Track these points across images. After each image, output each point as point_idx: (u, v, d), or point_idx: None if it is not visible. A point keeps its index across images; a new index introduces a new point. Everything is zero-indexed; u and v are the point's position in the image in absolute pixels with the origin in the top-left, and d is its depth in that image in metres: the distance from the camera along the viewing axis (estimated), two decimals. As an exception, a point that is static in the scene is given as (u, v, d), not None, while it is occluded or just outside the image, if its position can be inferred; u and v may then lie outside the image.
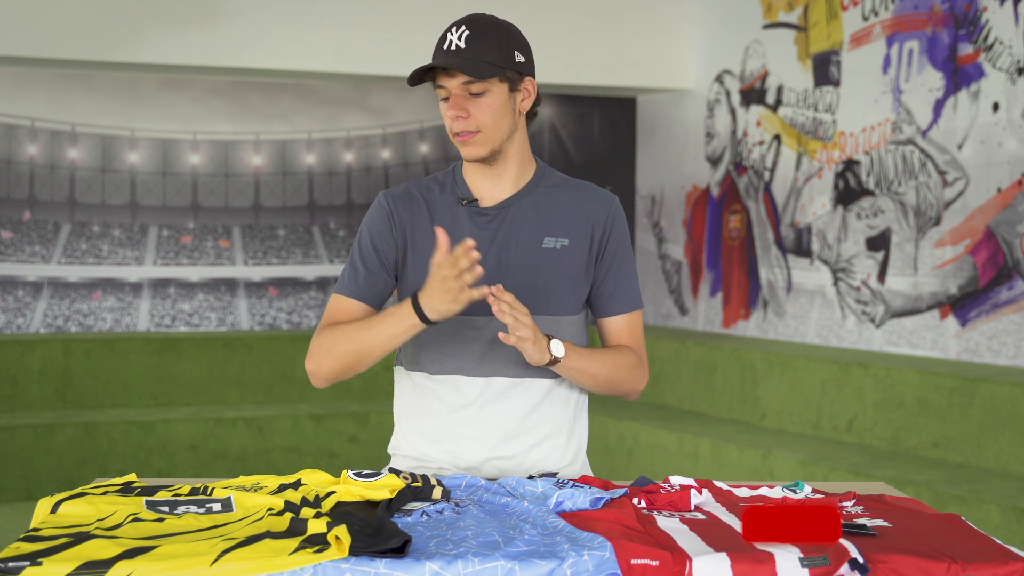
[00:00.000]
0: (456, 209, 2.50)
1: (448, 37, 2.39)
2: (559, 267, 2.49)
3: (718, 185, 7.44)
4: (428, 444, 2.53)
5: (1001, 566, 1.84)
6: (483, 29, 2.39)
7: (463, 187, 2.52)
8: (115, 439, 6.55)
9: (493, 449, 2.50)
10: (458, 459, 2.51)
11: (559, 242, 2.49)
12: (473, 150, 2.43)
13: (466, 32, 2.38)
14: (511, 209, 2.50)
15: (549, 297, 2.48)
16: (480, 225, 2.49)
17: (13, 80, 7.21)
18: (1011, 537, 4.42)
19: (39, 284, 7.32)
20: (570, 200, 2.53)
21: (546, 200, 2.51)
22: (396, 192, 2.55)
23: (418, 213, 2.51)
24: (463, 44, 2.37)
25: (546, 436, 2.53)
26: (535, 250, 2.48)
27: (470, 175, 2.52)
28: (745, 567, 1.81)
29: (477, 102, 2.40)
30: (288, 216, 7.80)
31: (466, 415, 2.49)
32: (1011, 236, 5.52)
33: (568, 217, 2.51)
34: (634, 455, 6.40)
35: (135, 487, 2.16)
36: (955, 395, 5.27)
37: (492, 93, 2.40)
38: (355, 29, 7.01)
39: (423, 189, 2.54)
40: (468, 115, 2.40)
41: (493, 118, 2.41)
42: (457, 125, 2.41)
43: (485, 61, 2.36)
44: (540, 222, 2.50)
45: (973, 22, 5.73)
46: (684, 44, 7.63)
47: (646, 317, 8.05)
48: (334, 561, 1.78)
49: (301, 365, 7.29)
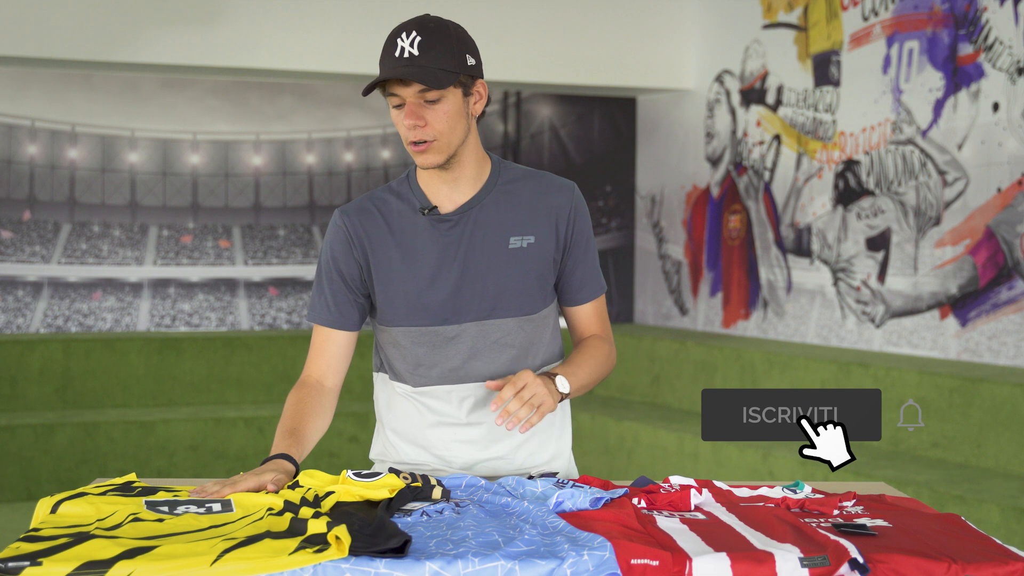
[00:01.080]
0: (416, 219, 2.45)
1: (399, 44, 2.32)
2: (528, 265, 2.46)
3: (718, 185, 7.44)
4: (417, 451, 2.53)
5: (1001, 566, 1.84)
6: (434, 34, 2.32)
7: (420, 195, 2.47)
8: (115, 439, 6.55)
9: (483, 450, 2.50)
10: (448, 464, 2.51)
11: (525, 240, 2.46)
12: (430, 158, 2.37)
13: (418, 38, 2.31)
14: (472, 212, 2.45)
15: (521, 297, 2.46)
16: (443, 232, 2.44)
17: (13, 80, 7.21)
18: (1011, 537, 4.42)
19: (39, 284, 7.32)
20: (531, 194, 2.48)
21: (506, 198, 2.47)
22: (351, 208, 2.49)
23: (376, 227, 2.46)
24: (416, 51, 2.30)
25: (533, 433, 2.53)
26: (502, 251, 2.45)
27: (426, 182, 2.47)
28: (745, 567, 1.81)
29: (433, 109, 2.34)
30: (288, 216, 7.80)
31: (453, 422, 2.49)
32: (1011, 236, 5.52)
33: (531, 212, 2.47)
34: (634, 455, 6.40)
35: (135, 487, 2.16)
36: (955, 395, 5.27)
37: (447, 99, 2.34)
38: (355, 29, 7.01)
39: (378, 202, 2.48)
40: (425, 123, 2.34)
41: (449, 125, 2.36)
42: (414, 134, 2.35)
43: (440, 68, 2.30)
44: (503, 222, 2.46)
45: (973, 22, 5.73)
46: (684, 44, 7.63)
47: (646, 317, 8.05)
48: (334, 561, 1.78)
49: (301, 365, 7.30)
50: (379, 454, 2.61)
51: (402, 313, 2.45)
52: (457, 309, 2.43)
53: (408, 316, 2.45)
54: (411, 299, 2.44)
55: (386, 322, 2.48)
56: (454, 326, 2.44)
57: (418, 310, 2.44)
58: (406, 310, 2.45)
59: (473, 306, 2.44)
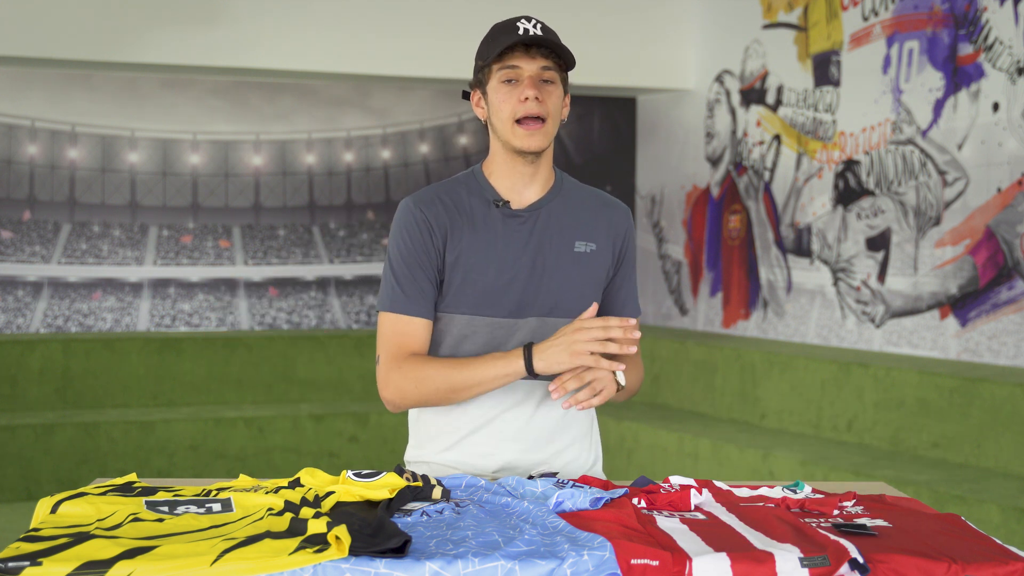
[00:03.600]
0: (488, 211, 2.46)
1: (521, 26, 2.36)
2: (589, 271, 2.49)
3: (718, 185, 7.44)
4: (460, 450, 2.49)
5: (1001, 566, 1.84)
6: (550, 28, 2.39)
7: (490, 189, 2.47)
8: (115, 439, 6.55)
9: (523, 453, 2.48)
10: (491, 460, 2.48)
11: (588, 246, 2.49)
12: (537, 140, 2.38)
13: (539, 24, 2.37)
14: (542, 212, 2.48)
15: (580, 299, 2.47)
16: (513, 227, 2.46)
17: (13, 80, 7.21)
18: (1011, 537, 4.42)
19: (39, 284, 7.32)
20: (594, 205, 2.53)
21: (572, 203, 2.51)
22: (424, 198, 2.46)
23: (453, 217, 2.44)
24: (540, 33, 2.36)
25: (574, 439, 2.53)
26: (568, 253, 2.47)
27: (498, 177, 2.47)
28: (745, 567, 1.81)
29: (548, 90, 2.37)
30: (288, 216, 7.80)
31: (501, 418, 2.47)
32: (1011, 236, 5.52)
33: (593, 222, 2.51)
34: (634, 455, 6.40)
35: (135, 487, 2.16)
36: (955, 395, 5.27)
37: (558, 87, 2.40)
38: (355, 29, 7.01)
39: (449, 193, 2.47)
40: (543, 98, 2.36)
41: (557, 109, 2.40)
42: (534, 108, 2.35)
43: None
44: (570, 225, 2.49)
45: (973, 22, 5.73)
46: (684, 44, 7.63)
47: (646, 317, 8.05)
48: (334, 561, 1.78)
49: (301, 365, 7.30)
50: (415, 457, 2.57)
51: (471, 301, 2.44)
52: (522, 303, 2.44)
53: (476, 305, 2.44)
54: (481, 288, 2.43)
55: (451, 308, 2.45)
56: (517, 319, 2.45)
57: (487, 299, 2.43)
58: (475, 298, 2.43)
59: (537, 302, 2.45)
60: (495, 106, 2.40)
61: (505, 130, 2.39)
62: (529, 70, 2.36)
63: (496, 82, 2.39)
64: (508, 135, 2.40)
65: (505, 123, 2.39)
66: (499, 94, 2.38)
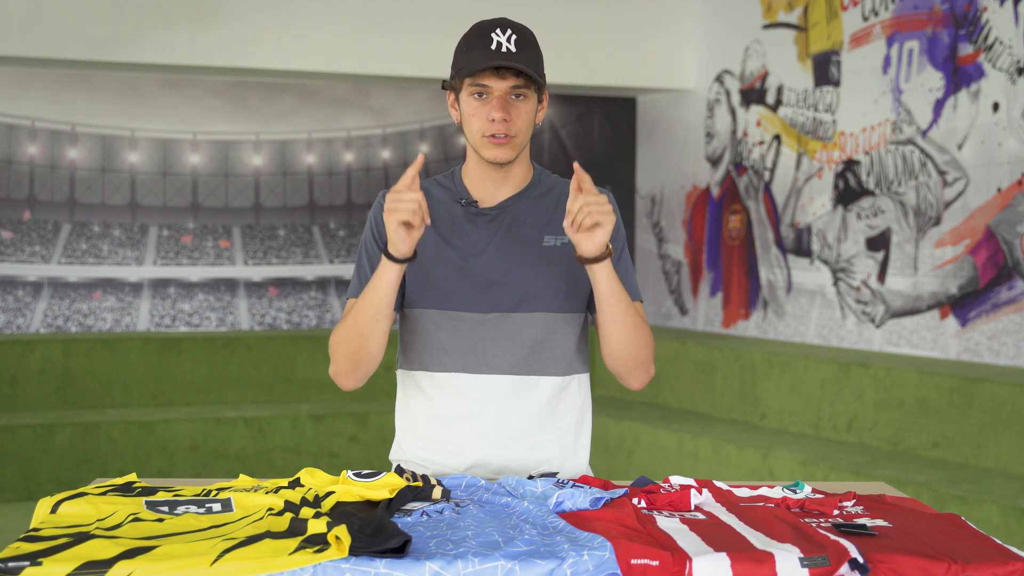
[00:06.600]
0: (454, 208, 2.51)
1: (494, 38, 2.37)
2: (561, 264, 2.49)
3: (718, 185, 7.44)
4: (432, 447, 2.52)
5: (1001, 566, 1.84)
6: (526, 36, 2.40)
7: (462, 189, 2.52)
8: (115, 439, 6.55)
9: (499, 450, 2.49)
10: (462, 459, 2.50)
11: (559, 240, 2.50)
12: (505, 152, 2.42)
13: (514, 36, 2.37)
14: (510, 210, 2.51)
15: (549, 294, 2.48)
16: (480, 225, 2.49)
17: (13, 80, 7.21)
18: (1011, 537, 4.42)
19: (39, 284, 7.32)
20: (566, 199, 2.51)
21: (545, 200, 2.53)
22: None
23: None
24: (514, 48, 2.36)
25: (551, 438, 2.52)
26: (536, 247, 2.49)
27: (472, 179, 2.52)
28: (745, 567, 1.81)
29: (517, 106, 2.40)
30: (288, 216, 7.80)
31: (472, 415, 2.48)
32: (1011, 236, 5.52)
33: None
34: (634, 455, 6.40)
35: (135, 487, 2.16)
36: (955, 395, 5.27)
37: (529, 100, 2.41)
38: (355, 29, 7.01)
39: (423, 189, 2.52)
40: (510, 118, 2.39)
41: (526, 124, 2.43)
42: (501, 127, 2.39)
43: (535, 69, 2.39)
44: (539, 221, 2.51)
45: (973, 22, 5.73)
46: (684, 44, 7.63)
47: (646, 317, 8.04)
48: (334, 561, 1.78)
49: (301, 365, 7.30)
50: (397, 456, 2.60)
51: (435, 296, 2.47)
52: (486, 299, 2.46)
53: (441, 300, 2.47)
54: (442, 284, 2.47)
55: (413, 303, 2.49)
56: (485, 315, 2.46)
57: (452, 296, 2.46)
58: (440, 294, 2.47)
59: (502, 297, 2.46)
60: (466, 116, 2.44)
61: (475, 140, 2.44)
62: (499, 89, 2.38)
63: (466, 95, 2.42)
64: (477, 145, 2.44)
65: (475, 135, 2.43)
66: (469, 107, 2.42)
